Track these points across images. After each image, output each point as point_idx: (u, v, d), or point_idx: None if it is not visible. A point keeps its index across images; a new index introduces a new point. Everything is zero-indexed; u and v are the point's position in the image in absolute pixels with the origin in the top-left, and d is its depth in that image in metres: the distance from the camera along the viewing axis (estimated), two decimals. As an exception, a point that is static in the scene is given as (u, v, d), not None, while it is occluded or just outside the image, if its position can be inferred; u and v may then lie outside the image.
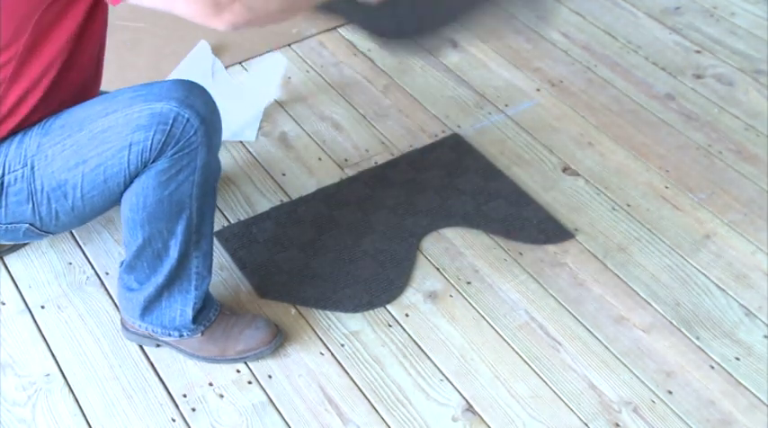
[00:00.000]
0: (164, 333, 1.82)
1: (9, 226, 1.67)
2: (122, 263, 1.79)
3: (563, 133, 2.42)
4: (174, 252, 1.70)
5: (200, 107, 1.58)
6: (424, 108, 2.48)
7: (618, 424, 1.77)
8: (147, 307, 1.79)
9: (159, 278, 1.74)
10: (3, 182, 1.61)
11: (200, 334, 1.82)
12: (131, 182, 1.61)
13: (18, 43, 1.53)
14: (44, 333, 1.90)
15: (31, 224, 1.66)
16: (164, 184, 1.60)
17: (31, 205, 1.62)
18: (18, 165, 1.60)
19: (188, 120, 1.56)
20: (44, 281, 2.00)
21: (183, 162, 1.59)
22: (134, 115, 1.56)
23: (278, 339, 1.86)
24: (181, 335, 1.82)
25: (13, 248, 2.04)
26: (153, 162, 1.58)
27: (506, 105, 2.50)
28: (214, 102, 1.63)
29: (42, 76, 1.59)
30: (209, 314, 1.83)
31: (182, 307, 1.78)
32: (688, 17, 2.86)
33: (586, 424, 1.77)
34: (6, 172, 1.60)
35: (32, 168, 1.60)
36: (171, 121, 1.55)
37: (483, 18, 1.75)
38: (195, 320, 1.80)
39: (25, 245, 2.05)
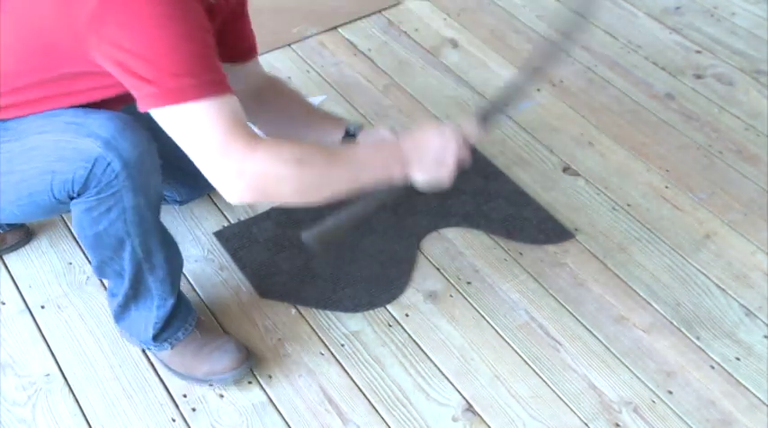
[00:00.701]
0: (132, 341, 1.83)
1: None
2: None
3: (563, 133, 2.42)
4: (126, 275, 1.69)
5: (125, 150, 1.51)
6: (424, 108, 2.48)
7: (618, 424, 1.77)
8: (120, 314, 1.78)
9: (123, 289, 1.73)
10: None
11: (169, 349, 1.80)
12: (63, 203, 1.58)
13: (29, 91, 1.55)
14: (44, 333, 1.90)
15: None
16: (96, 220, 1.59)
17: None
18: None
19: (109, 164, 1.50)
20: (44, 281, 2.00)
21: (109, 202, 1.56)
22: (61, 144, 1.52)
23: (245, 365, 1.80)
24: (145, 349, 1.82)
25: (13, 248, 2.04)
26: (79, 195, 1.55)
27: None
28: (147, 143, 1.56)
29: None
30: (176, 333, 1.79)
31: (145, 322, 1.76)
32: (688, 17, 2.86)
33: (586, 424, 1.77)
34: None
35: None
36: (93, 162, 1.51)
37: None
38: (156, 339, 1.78)
39: (25, 244, 2.05)
